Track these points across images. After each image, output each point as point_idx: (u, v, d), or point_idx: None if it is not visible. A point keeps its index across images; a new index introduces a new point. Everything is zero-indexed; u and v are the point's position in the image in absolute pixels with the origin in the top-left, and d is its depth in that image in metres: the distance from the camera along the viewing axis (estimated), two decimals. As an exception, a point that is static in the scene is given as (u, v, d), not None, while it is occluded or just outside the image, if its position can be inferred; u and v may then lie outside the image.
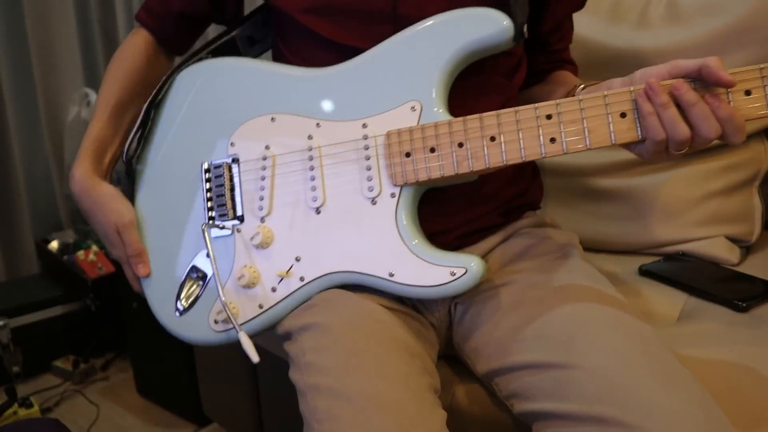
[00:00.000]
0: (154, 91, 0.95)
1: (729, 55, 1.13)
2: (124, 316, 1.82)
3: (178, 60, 1.01)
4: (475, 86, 0.85)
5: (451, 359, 0.90)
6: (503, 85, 0.90)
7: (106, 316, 1.98)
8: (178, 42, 1.03)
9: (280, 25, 0.93)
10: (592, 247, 1.25)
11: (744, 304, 0.96)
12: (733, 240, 1.19)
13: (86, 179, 0.93)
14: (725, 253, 1.17)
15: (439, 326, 0.87)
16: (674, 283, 1.08)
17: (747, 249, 1.21)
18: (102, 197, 0.92)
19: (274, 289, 0.83)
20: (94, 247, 2.02)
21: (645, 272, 1.14)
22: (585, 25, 1.21)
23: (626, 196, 1.24)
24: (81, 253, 1.99)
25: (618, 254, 1.25)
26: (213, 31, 1.07)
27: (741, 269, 1.13)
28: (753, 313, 0.96)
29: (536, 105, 0.74)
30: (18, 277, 2.24)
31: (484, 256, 0.90)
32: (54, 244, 2.13)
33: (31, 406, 1.70)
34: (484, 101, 0.85)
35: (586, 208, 1.28)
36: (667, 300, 1.05)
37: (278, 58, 0.96)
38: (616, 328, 0.73)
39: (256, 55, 1.04)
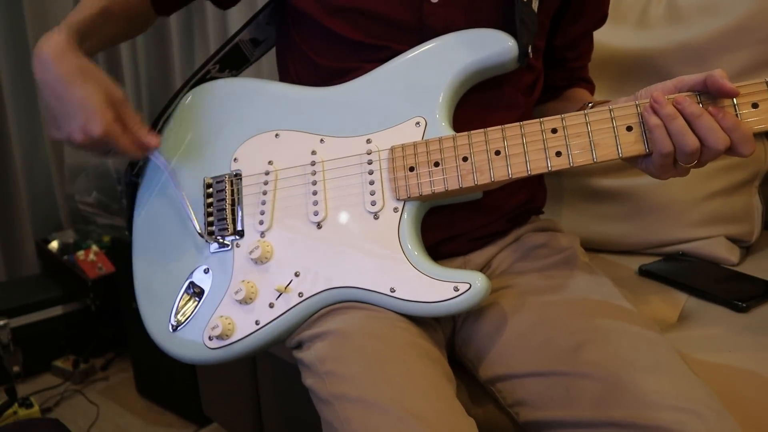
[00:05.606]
0: (162, 108, 0.94)
1: (729, 55, 1.13)
2: (124, 316, 1.82)
3: (184, 76, 0.96)
4: (493, 100, 0.85)
5: (451, 361, 0.90)
6: (521, 100, 0.89)
7: (106, 316, 1.98)
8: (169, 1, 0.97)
9: (299, 23, 0.92)
10: (592, 247, 1.25)
11: (744, 304, 0.96)
12: (733, 240, 1.19)
13: (67, 47, 0.84)
14: (725, 253, 1.17)
15: (445, 329, 0.87)
16: (674, 283, 1.08)
17: (747, 249, 1.21)
18: (89, 66, 0.84)
19: (271, 305, 0.81)
20: (94, 247, 2.02)
21: (645, 272, 1.14)
22: (585, 25, 1.21)
23: (626, 196, 1.24)
24: (81, 253, 1.99)
25: (618, 254, 1.25)
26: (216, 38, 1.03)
27: (741, 269, 1.13)
28: (753, 313, 0.96)
29: (541, 119, 0.74)
30: (18, 277, 2.24)
31: (489, 261, 0.90)
32: (54, 244, 2.13)
33: (31, 406, 1.70)
34: (500, 115, 0.85)
35: (586, 208, 1.28)
36: (667, 300, 1.05)
37: (292, 52, 0.93)
38: (623, 334, 0.74)
39: (261, 54, 1.04)
